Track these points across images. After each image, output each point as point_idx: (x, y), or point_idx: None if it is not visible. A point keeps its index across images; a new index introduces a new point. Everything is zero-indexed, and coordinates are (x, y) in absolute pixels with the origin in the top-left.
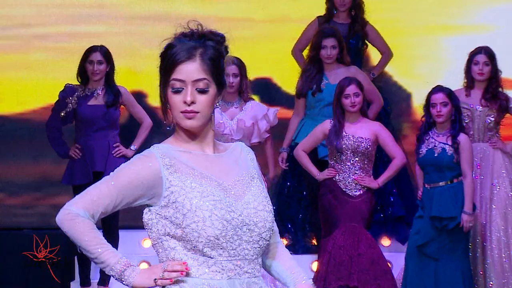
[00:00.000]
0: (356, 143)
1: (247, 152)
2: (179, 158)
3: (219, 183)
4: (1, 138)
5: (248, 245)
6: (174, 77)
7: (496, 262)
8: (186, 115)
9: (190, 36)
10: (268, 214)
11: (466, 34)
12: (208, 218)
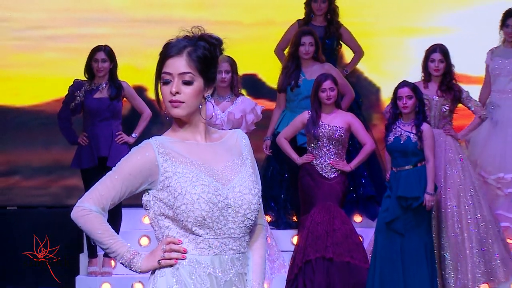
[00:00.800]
0: (331, 131)
1: (242, 138)
2: (173, 147)
3: (208, 169)
4: (18, 128)
5: (233, 225)
6: (164, 71)
7: (450, 236)
8: (173, 104)
9: (185, 37)
10: (253, 197)
11: (429, 36)
12: (196, 200)
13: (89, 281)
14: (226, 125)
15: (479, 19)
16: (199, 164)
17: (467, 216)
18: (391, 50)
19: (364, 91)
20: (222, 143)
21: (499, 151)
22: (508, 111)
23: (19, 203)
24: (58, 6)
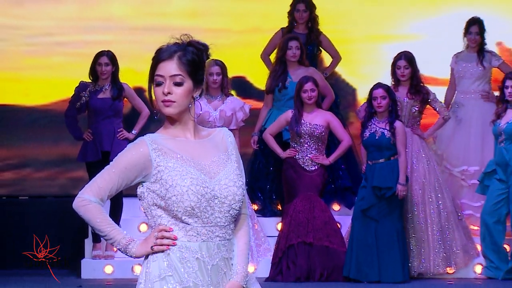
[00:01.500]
0: (312, 129)
1: (228, 135)
2: (165, 144)
3: (196, 164)
4: (28, 125)
5: (220, 214)
6: (157, 73)
7: (415, 224)
8: (165, 104)
9: (175, 43)
10: (237, 189)
11: (400, 42)
12: (186, 192)
13: (93, 264)
14: (218, 122)
15: (445, 27)
16: (188, 159)
17: (430, 206)
18: (366, 55)
19: (341, 92)
20: (209, 140)
21: (463, 146)
22: (471, 110)
23: (30, 193)
24: (65, 15)
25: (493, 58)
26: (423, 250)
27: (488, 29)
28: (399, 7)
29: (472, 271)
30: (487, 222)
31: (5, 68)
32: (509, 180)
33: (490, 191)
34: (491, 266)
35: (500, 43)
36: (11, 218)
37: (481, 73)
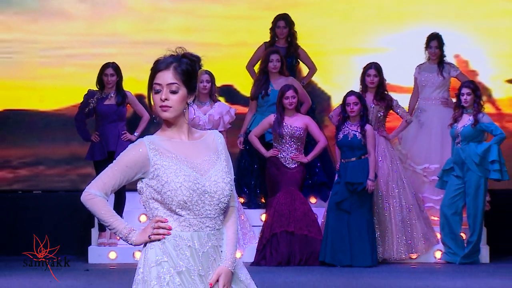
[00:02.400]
0: (292, 131)
1: (218, 137)
2: (161, 145)
3: (189, 162)
4: (42, 128)
5: (210, 207)
6: (155, 82)
7: (381, 213)
8: (162, 109)
9: (171, 55)
10: (225, 185)
11: (369, 55)
12: (179, 188)
13: (99, 250)
14: (207, 125)
15: (409, 41)
16: (182, 158)
17: (393, 200)
18: (339, 66)
19: (318, 98)
20: (202, 141)
21: (425, 146)
22: (432, 115)
23: (43, 188)
24: (74, 31)
25: (452, 69)
26: (388, 238)
27: (446, 43)
28: (368, 24)
29: (432, 257)
30: (446, 213)
31: (22, 77)
32: (465, 177)
33: (448, 186)
34: (449, 252)
35: (458, 56)
36: (26, 210)
37: (441, 82)
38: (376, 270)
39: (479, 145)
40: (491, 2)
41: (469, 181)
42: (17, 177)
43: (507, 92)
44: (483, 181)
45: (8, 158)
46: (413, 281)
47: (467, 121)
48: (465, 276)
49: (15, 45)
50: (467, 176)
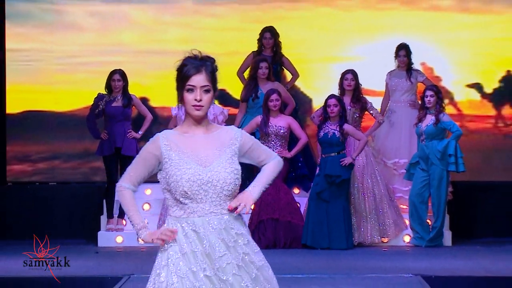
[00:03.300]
0: (277, 130)
1: (235, 132)
2: (173, 139)
3: (193, 156)
4: (58, 126)
5: (214, 195)
6: (189, 84)
7: (356, 202)
8: (196, 108)
9: (195, 58)
10: (228, 174)
11: (346, 62)
12: (180, 180)
13: (107, 235)
14: None
15: (380, 51)
16: (187, 152)
17: (367, 190)
18: (319, 73)
19: (300, 101)
20: (215, 135)
21: (395, 143)
22: (401, 116)
23: (58, 180)
24: (86, 41)
25: (419, 75)
26: (362, 224)
27: (413, 52)
28: (345, 35)
29: (402, 241)
30: (414, 202)
31: (40, 82)
32: (429, 170)
33: (415, 178)
34: (417, 237)
35: (424, 63)
36: (43, 199)
37: (409, 87)
38: (352, 252)
39: (440, 142)
40: (452, 16)
41: (432, 174)
42: (35, 170)
43: (467, 96)
44: (445, 173)
45: (28, 153)
46: (384, 262)
47: (430, 121)
48: (430, 258)
49: (33, 54)
50: (431, 169)
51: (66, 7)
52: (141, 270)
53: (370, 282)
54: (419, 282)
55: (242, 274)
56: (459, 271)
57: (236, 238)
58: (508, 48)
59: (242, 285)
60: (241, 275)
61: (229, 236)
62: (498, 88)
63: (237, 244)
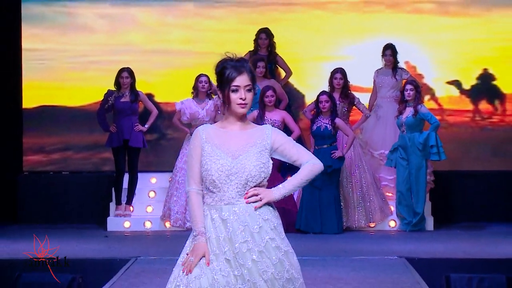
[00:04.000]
0: (272, 123)
1: (267, 129)
2: (210, 133)
3: (224, 148)
4: (70, 120)
5: (239, 185)
6: (234, 85)
7: (344, 190)
8: (241, 106)
9: (232, 60)
10: (253, 167)
11: (336, 61)
12: (210, 169)
13: (116, 220)
14: (206, 117)
15: (368, 50)
16: (219, 145)
17: (355, 179)
18: (310, 71)
19: (293, 97)
20: (248, 132)
21: (381, 136)
22: (387, 110)
23: (71, 169)
24: (96, 41)
25: (403, 72)
26: (351, 210)
27: (399, 51)
28: (335, 36)
29: (387, 225)
30: (401, 190)
31: (53, 79)
32: (408, 159)
33: (398, 168)
34: (405, 223)
35: (407, 62)
36: (57, 187)
37: (395, 84)
38: (342, 236)
39: (421, 134)
40: (433, 19)
41: (411, 163)
42: (49, 160)
43: (447, 92)
44: (424, 162)
45: (43, 145)
46: (371, 246)
47: (409, 113)
48: (414, 241)
49: (47, 54)
50: (411, 158)
51: (78, 9)
52: (147, 252)
53: (358, 264)
54: (403, 264)
55: (263, 259)
56: (440, 254)
57: (262, 224)
58: (484, 48)
59: (261, 270)
60: (261, 261)
61: (253, 222)
62: (475, 84)
63: (262, 229)
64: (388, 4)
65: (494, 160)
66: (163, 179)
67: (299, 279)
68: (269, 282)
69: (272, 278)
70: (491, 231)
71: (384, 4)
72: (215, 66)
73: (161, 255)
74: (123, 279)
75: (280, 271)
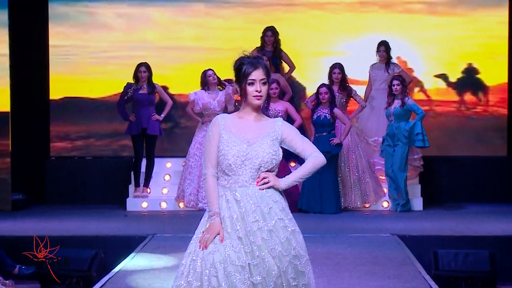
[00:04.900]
0: (276, 113)
1: (278, 122)
2: (228, 122)
3: (240, 136)
4: (93, 110)
5: (252, 170)
6: (250, 78)
7: (342, 173)
8: (257, 98)
9: (249, 57)
10: (266, 154)
11: (334, 56)
12: (226, 154)
13: (134, 201)
14: (217, 107)
15: (364, 47)
16: (236, 133)
17: (352, 164)
18: (311, 65)
19: (296, 89)
20: (262, 123)
21: (375, 124)
22: (381, 101)
23: (93, 154)
24: (115, 39)
25: (395, 67)
26: (347, 192)
27: (391, 48)
28: (334, 33)
29: (380, 206)
30: (390, 175)
31: (77, 73)
32: (395, 146)
33: (386, 155)
34: (395, 204)
35: (399, 57)
36: (80, 171)
37: (388, 77)
38: (340, 216)
39: (407, 124)
40: (423, 18)
41: (397, 150)
42: (74, 147)
43: (434, 84)
44: (406, 148)
45: (68, 132)
46: (366, 224)
47: (397, 104)
48: (405, 220)
49: (71, 49)
50: (397, 146)
51: (98, 9)
52: (163, 230)
53: (354, 241)
54: (395, 241)
55: (272, 238)
56: (428, 231)
57: (272, 205)
58: (469, 45)
59: (270, 247)
60: (270, 239)
61: (264, 203)
62: (461, 78)
63: (272, 210)
64: (382, 5)
65: (477, 147)
66: (178, 164)
67: (305, 256)
68: (277, 259)
69: (280, 255)
70: (474, 211)
71: (378, 5)
72: (234, 63)
73: (176, 233)
74: (141, 254)
75: (288, 249)
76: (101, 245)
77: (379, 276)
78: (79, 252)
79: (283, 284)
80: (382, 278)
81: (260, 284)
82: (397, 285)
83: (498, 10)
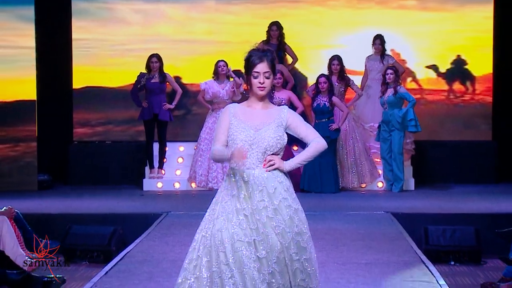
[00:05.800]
0: (280, 101)
1: (283, 109)
2: (238, 110)
3: (248, 122)
4: (111, 98)
5: (259, 153)
6: (254, 70)
7: (340, 156)
8: (260, 89)
9: (258, 50)
10: (271, 139)
11: (333, 49)
12: (235, 139)
13: (150, 181)
14: (226, 96)
15: (361, 40)
16: (244, 120)
17: (349, 147)
18: (312, 57)
19: (298, 79)
20: (269, 111)
21: (371, 111)
22: (376, 90)
23: (112, 139)
24: (131, 32)
25: (390, 58)
26: (345, 173)
27: (386, 40)
28: (333, 28)
29: (376, 186)
30: (385, 157)
31: (97, 64)
32: (390, 131)
33: (382, 140)
34: (390, 184)
35: (393, 49)
36: (101, 154)
37: (382, 68)
38: (338, 195)
39: (400, 111)
40: (415, 13)
41: (392, 135)
42: (94, 132)
43: (426, 74)
44: (402, 133)
45: (89, 119)
46: (363, 203)
47: (390, 93)
48: (398, 199)
49: (92, 43)
50: (392, 131)
51: (116, 5)
52: (176, 208)
53: (351, 218)
54: (389, 218)
55: (277, 216)
56: (419, 209)
57: (277, 186)
58: (458, 38)
59: (274, 225)
60: (274, 217)
61: (270, 184)
62: (450, 68)
63: (277, 190)
64: (377, 1)
65: (464, 132)
66: (190, 148)
67: (307, 233)
68: (280, 235)
69: (283, 232)
70: (461, 191)
71: (374, 1)
72: (245, 54)
73: (188, 211)
74: (156, 230)
75: (290, 226)
76: (120, 222)
77: (374, 250)
78: (100, 228)
79: (286, 259)
80: (377, 252)
81: (265, 258)
82: (391, 258)
83: (484, 6)
